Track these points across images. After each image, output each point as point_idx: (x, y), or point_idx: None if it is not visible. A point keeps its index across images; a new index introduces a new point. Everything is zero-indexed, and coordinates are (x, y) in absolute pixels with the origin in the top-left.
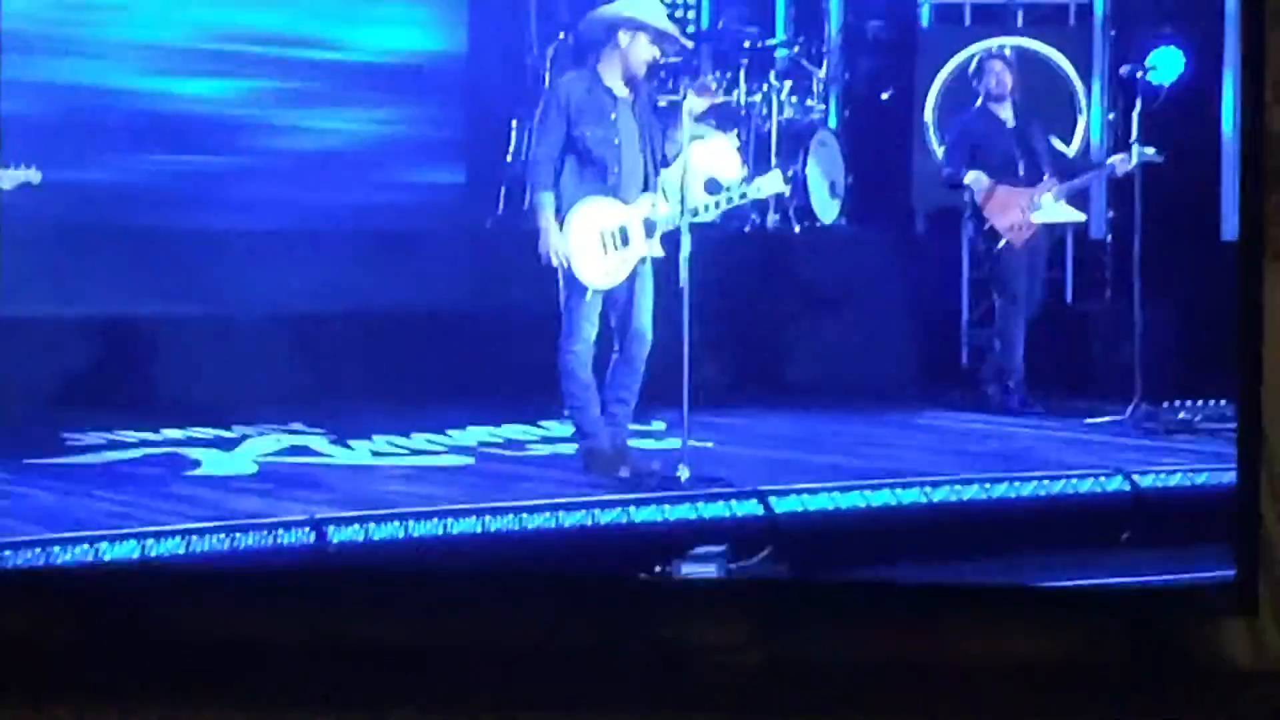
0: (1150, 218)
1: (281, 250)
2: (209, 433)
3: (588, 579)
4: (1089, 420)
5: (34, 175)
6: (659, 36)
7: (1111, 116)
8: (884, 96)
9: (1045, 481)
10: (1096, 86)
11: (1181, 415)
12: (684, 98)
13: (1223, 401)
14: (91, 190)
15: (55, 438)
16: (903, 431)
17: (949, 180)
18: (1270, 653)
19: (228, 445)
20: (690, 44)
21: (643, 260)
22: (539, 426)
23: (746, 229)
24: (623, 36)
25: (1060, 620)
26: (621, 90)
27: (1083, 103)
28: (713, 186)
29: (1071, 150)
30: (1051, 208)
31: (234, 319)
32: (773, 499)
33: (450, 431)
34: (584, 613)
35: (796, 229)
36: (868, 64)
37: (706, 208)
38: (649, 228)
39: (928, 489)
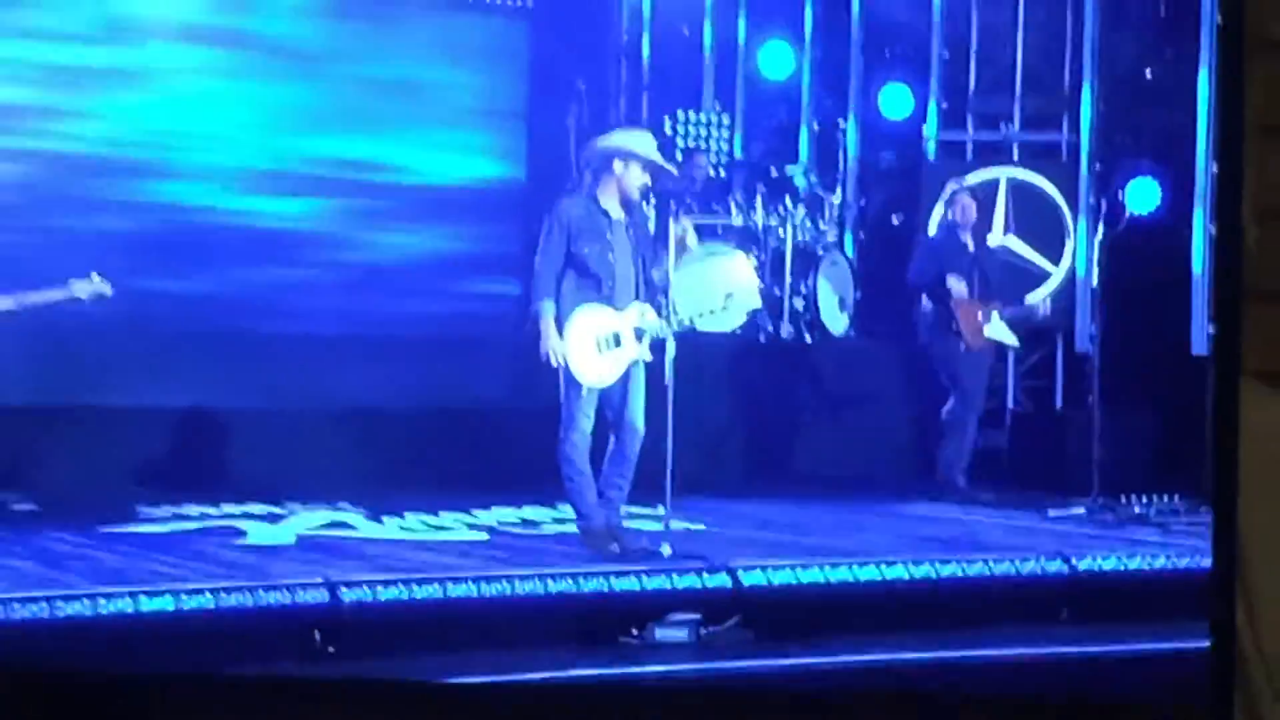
0: (1126, 333)
1: (347, 352)
2: (262, 508)
3: (568, 684)
4: (1052, 513)
5: (105, 287)
6: (649, 165)
7: (1098, 239)
8: (894, 221)
9: (990, 562)
10: (1083, 215)
11: (1136, 510)
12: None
13: (1176, 498)
14: (175, 298)
15: (131, 510)
16: (879, 519)
17: (915, 285)
18: None
19: (275, 519)
20: (676, 172)
21: (635, 363)
22: (555, 509)
23: (762, 338)
24: (618, 165)
25: None
26: (617, 212)
27: (1070, 227)
28: (728, 297)
29: (1061, 269)
30: (997, 326)
31: (300, 412)
32: (741, 573)
33: (475, 511)
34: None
35: (807, 339)
36: (878, 191)
37: (709, 313)
38: (639, 334)
39: (883, 567)
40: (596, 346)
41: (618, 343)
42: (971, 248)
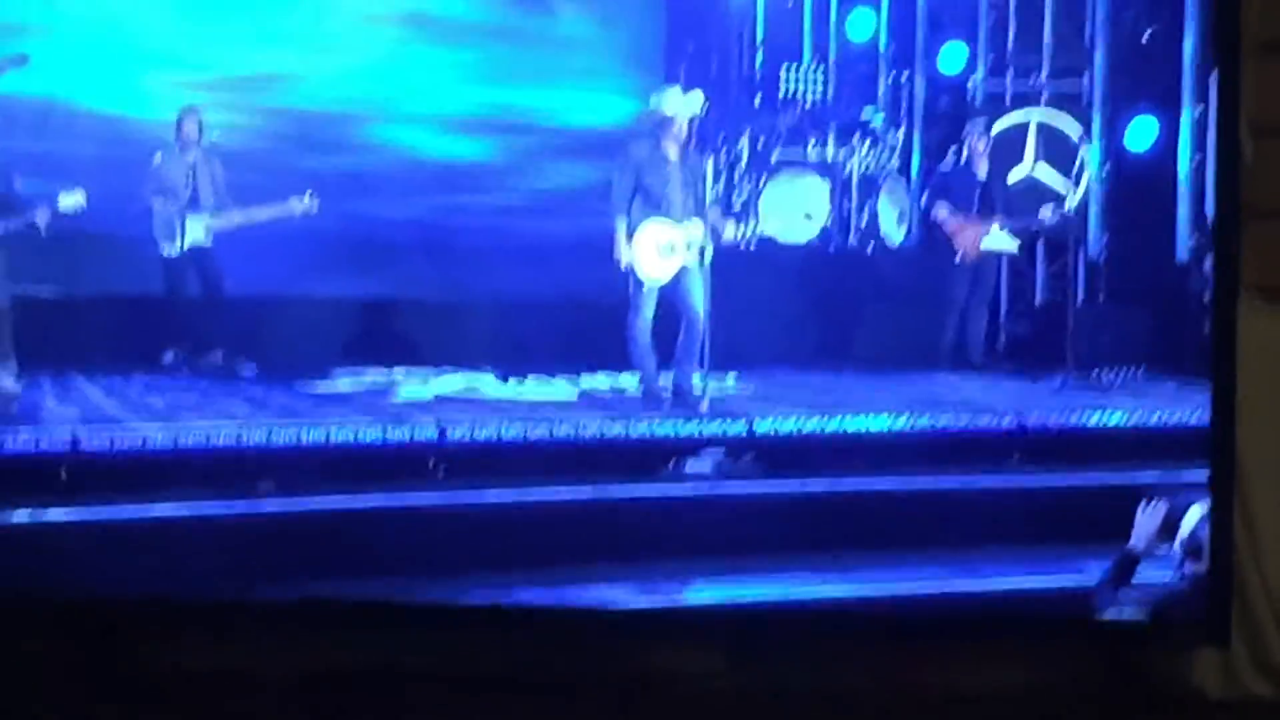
0: (1128, 244)
1: (501, 258)
2: (420, 372)
3: (568, 610)
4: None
5: (313, 205)
6: (692, 120)
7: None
8: (949, 153)
9: (954, 415)
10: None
11: (1115, 381)
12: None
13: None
14: (369, 217)
15: (324, 373)
16: (895, 386)
17: (926, 211)
18: (1240, 682)
19: (425, 380)
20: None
21: (686, 267)
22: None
23: (832, 249)
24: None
25: (1034, 650)
26: (673, 154)
27: (1085, 158)
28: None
29: (1077, 194)
30: (997, 237)
31: (461, 304)
32: (755, 422)
33: (582, 376)
34: (563, 641)
35: (869, 248)
36: (936, 129)
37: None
38: (689, 244)
39: (869, 419)
40: (657, 252)
41: (673, 250)
42: (982, 175)
